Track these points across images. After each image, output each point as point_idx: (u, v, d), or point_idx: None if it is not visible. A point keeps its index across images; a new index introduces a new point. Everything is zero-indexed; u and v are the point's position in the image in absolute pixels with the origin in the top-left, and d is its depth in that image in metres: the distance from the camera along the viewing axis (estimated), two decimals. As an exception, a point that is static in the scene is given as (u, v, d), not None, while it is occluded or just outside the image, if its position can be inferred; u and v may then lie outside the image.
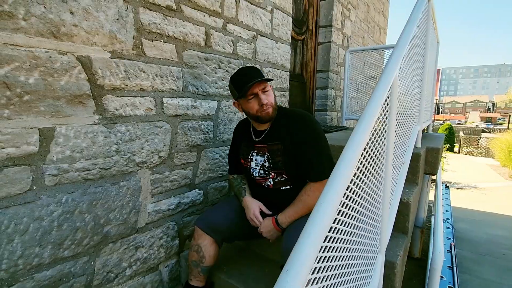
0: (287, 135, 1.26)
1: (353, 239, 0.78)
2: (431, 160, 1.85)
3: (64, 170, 1.09)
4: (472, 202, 6.19)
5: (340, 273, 0.71)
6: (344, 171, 0.66)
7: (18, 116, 0.96)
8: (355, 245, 0.80)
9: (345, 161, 0.67)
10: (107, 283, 1.28)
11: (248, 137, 1.39)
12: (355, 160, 0.69)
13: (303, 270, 0.49)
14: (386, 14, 5.20)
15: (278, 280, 0.47)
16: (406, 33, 1.17)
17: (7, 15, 0.91)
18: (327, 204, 0.58)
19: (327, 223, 0.57)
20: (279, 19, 2.20)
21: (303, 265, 0.49)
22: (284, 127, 1.28)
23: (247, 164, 1.37)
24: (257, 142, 1.34)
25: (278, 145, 1.27)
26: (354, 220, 0.76)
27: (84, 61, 1.10)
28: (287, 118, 1.29)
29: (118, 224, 1.29)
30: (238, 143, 1.45)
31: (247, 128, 1.42)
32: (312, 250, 0.52)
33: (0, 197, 0.94)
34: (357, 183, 0.75)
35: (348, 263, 0.76)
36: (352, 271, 0.81)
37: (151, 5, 1.31)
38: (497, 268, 3.45)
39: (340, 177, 0.64)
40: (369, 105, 0.82)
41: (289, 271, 0.48)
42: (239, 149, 1.43)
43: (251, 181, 1.40)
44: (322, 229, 0.56)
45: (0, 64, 0.90)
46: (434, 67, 2.67)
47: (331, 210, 0.59)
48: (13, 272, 0.99)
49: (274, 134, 1.30)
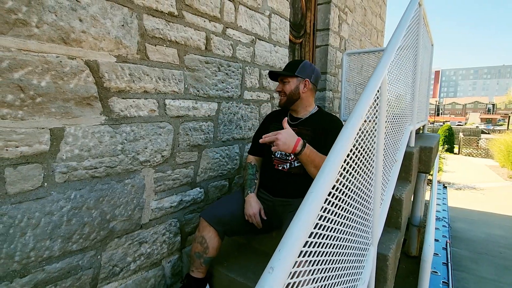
0: (318, 126, 1.44)
1: (343, 229, 0.84)
2: (425, 158, 1.91)
3: (73, 168, 1.15)
4: (471, 202, 6.24)
5: (330, 260, 0.77)
6: (334, 162, 0.72)
7: (31, 117, 1.02)
8: (345, 235, 0.86)
9: (334, 154, 0.74)
10: (112, 276, 1.34)
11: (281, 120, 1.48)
12: (344, 155, 0.76)
13: (293, 250, 0.55)
14: (384, 17, 5.29)
15: (271, 258, 0.54)
16: (395, 37, 1.24)
17: (21, 22, 0.97)
18: (316, 192, 0.65)
19: (317, 209, 0.63)
20: (277, 23, 2.28)
21: (293, 246, 0.55)
22: (318, 121, 1.47)
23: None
24: (290, 125, 1.44)
25: (308, 131, 1.42)
26: (343, 211, 0.83)
27: (91, 65, 1.17)
28: (326, 118, 1.49)
29: (123, 220, 1.35)
30: (267, 125, 1.58)
31: (283, 114, 1.56)
32: (301, 234, 0.59)
33: (14, 192, 1.00)
34: (346, 176, 0.81)
35: (338, 251, 0.82)
36: (343, 259, 0.87)
37: (154, 11, 1.38)
38: (494, 266, 3.49)
39: (330, 168, 0.70)
40: (358, 104, 0.89)
41: (281, 250, 0.54)
42: (266, 131, 1.49)
43: (269, 161, 1.50)
44: (312, 215, 0.62)
45: (15, 69, 0.97)
46: (429, 68, 2.73)
47: (321, 197, 0.65)
48: (25, 263, 1.05)
49: (308, 122, 1.47)
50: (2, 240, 0.98)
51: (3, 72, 0.95)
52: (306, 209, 0.62)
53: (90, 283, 1.26)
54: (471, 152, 14.52)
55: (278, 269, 0.52)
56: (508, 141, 10.15)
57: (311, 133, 1.42)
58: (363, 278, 1.07)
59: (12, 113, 0.98)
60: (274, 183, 1.48)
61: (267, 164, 1.52)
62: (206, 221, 1.41)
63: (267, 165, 1.52)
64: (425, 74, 2.40)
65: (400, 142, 1.56)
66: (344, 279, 0.89)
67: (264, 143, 1.42)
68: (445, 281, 1.99)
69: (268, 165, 1.51)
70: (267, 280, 0.51)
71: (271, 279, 0.51)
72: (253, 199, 1.45)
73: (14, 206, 1.00)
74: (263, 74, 2.18)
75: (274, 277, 0.51)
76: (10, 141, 0.98)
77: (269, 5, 2.17)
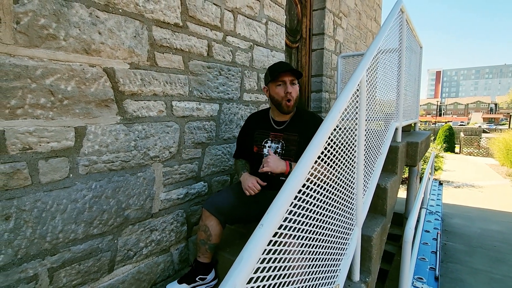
0: (304, 129, 1.50)
1: (323, 205, 0.99)
2: (411, 153, 2.07)
3: (94, 162, 1.32)
4: (469, 199, 6.35)
5: (313, 224, 0.92)
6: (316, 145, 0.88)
7: (59, 117, 1.19)
8: (325, 211, 1.01)
9: (314, 141, 0.89)
10: (127, 259, 1.50)
11: (265, 126, 1.59)
12: (323, 142, 0.92)
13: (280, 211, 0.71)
14: (379, 20, 5.46)
15: (262, 218, 0.69)
16: (375, 42, 1.40)
17: (51, 37, 1.15)
18: (299, 171, 0.81)
19: (297, 185, 0.79)
20: (273, 30, 2.45)
21: (279, 207, 0.71)
22: (303, 123, 1.52)
23: (261, 150, 1.58)
24: (275, 131, 1.55)
25: (295, 136, 1.51)
26: (324, 190, 0.98)
27: (109, 72, 1.35)
28: (307, 117, 1.54)
29: (136, 209, 1.52)
30: (250, 131, 1.65)
31: (265, 118, 1.63)
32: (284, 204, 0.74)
33: (46, 182, 1.17)
34: (326, 160, 0.97)
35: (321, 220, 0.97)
36: (326, 233, 1.02)
37: (161, 23, 1.55)
38: (487, 259, 3.62)
39: (311, 152, 0.86)
40: (337, 100, 1.05)
41: (269, 212, 0.70)
42: (251, 137, 1.62)
43: (259, 167, 1.58)
44: (294, 188, 0.78)
45: (47, 76, 1.14)
46: (418, 70, 2.89)
47: (301, 177, 0.81)
48: (55, 244, 1.21)
49: (293, 127, 1.53)
50: (36, 222, 1.15)
51: (37, 78, 1.12)
52: (289, 183, 0.78)
53: (108, 264, 1.42)
54: (472, 151, 14.58)
55: (266, 226, 0.68)
56: (507, 140, 10.24)
57: (298, 138, 1.50)
58: (347, 254, 1.23)
59: (44, 114, 1.15)
60: (267, 183, 1.56)
61: (257, 170, 1.57)
62: (208, 211, 1.56)
63: (257, 171, 1.57)
64: (413, 75, 2.55)
65: (384, 137, 1.72)
66: (328, 250, 1.05)
67: (247, 148, 1.58)
68: (432, 267, 2.13)
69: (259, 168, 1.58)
70: (257, 234, 0.66)
71: (260, 233, 0.67)
72: (247, 175, 1.52)
73: (46, 193, 1.17)
74: (261, 77, 2.35)
75: (262, 232, 0.67)
76: (43, 138, 1.15)
77: (266, 13, 2.34)
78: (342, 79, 3.45)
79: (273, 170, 1.36)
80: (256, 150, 1.61)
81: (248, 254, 0.62)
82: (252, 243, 0.64)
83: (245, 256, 0.62)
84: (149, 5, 1.48)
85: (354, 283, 1.34)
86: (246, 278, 0.61)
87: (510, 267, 3.40)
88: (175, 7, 1.62)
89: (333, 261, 1.10)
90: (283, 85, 1.47)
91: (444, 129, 15.40)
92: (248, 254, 0.62)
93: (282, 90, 1.47)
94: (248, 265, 0.61)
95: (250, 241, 0.64)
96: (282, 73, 1.45)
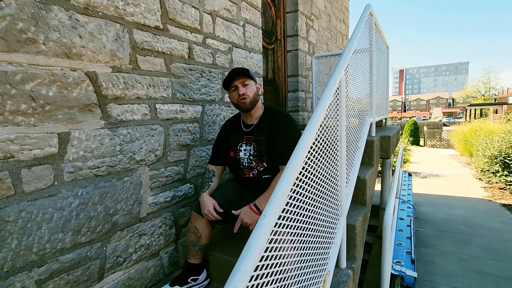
0: (270, 128, 1.56)
1: (314, 197, 1.06)
2: (385, 146, 2.22)
3: (79, 168, 1.29)
4: (435, 188, 6.83)
5: (306, 215, 0.98)
6: (304, 144, 0.94)
7: (42, 123, 1.16)
8: (316, 203, 1.08)
9: (304, 137, 0.96)
10: (117, 266, 1.48)
11: (237, 130, 1.65)
12: (312, 138, 0.98)
13: (279, 202, 0.76)
14: (347, 22, 5.72)
15: (264, 210, 0.74)
16: (350, 43, 1.50)
17: (30, 41, 1.11)
18: (292, 166, 0.86)
19: (292, 179, 0.85)
20: (250, 32, 2.50)
21: (279, 200, 0.76)
22: (268, 122, 1.58)
23: (237, 155, 1.63)
24: (246, 133, 1.61)
25: (262, 135, 1.57)
26: (314, 183, 1.05)
27: (91, 76, 1.32)
28: (272, 115, 1.60)
29: (124, 214, 1.49)
30: (225, 137, 1.70)
31: (237, 122, 1.69)
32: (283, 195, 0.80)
33: (30, 191, 1.13)
34: (314, 155, 1.03)
35: (311, 215, 1.04)
36: (317, 223, 1.09)
37: (142, 26, 1.55)
38: (454, 241, 3.94)
39: (301, 149, 0.92)
40: (321, 99, 1.12)
41: (270, 204, 0.75)
42: (226, 143, 1.68)
43: (239, 171, 1.64)
44: (290, 181, 0.83)
45: (27, 81, 1.11)
46: (386, 68, 3.09)
47: (296, 170, 0.86)
48: (42, 254, 1.17)
49: (260, 127, 1.59)
50: (21, 233, 1.10)
51: (17, 84, 1.08)
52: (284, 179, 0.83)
53: (97, 272, 1.39)
54: (435, 144, 15.65)
55: (268, 217, 0.72)
56: (465, 132, 11.13)
57: (266, 138, 1.55)
58: (335, 242, 1.31)
59: (25, 120, 1.11)
60: (249, 186, 1.64)
61: (239, 174, 1.65)
62: (197, 213, 1.58)
63: (239, 175, 1.65)
64: (382, 73, 2.73)
65: (361, 132, 1.84)
66: (319, 239, 1.12)
67: (224, 154, 1.67)
68: (408, 251, 2.30)
69: (240, 175, 1.64)
70: (260, 224, 0.71)
71: (264, 223, 0.71)
72: (206, 197, 1.55)
73: (30, 203, 1.13)
74: (241, 79, 2.39)
75: (265, 222, 0.71)
76: (25, 145, 1.11)
77: (243, 16, 2.39)
78: (317, 78, 3.58)
79: (253, 222, 1.42)
80: (233, 155, 1.66)
81: (255, 243, 0.66)
82: (257, 232, 0.68)
83: (252, 245, 0.66)
84: (129, 8, 1.47)
85: (341, 270, 1.42)
86: (254, 265, 0.65)
87: (474, 247, 3.73)
88: (155, 10, 1.61)
89: (324, 249, 1.17)
90: (236, 89, 1.55)
91: (410, 124, 16.39)
92: (255, 242, 0.66)
93: (236, 94, 1.55)
94: (256, 253, 0.65)
95: (255, 230, 0.69)
96: (230, 80, 1.56)
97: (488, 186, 6.67)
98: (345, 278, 1.36)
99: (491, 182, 6.86)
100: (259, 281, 0.69)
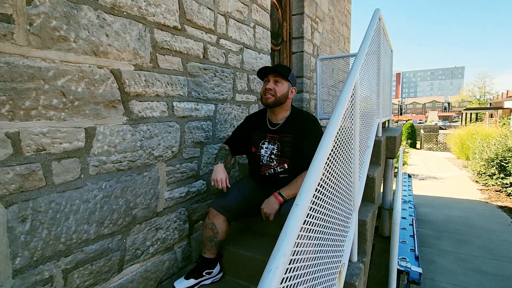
0: (297, 131, 1.58)
1: (335, 192, 1.12)
2: (390, 146, 2.28)
3: (103, 162, 1.33)
4: (433, 190, 6.94)
5: (327, 213, 1.04)
6: (327, 143, 0.99)
7: (71, 118, 1.20)
8: (335, 197, 1.14)
9: (326, 138, 1.01)
10: (135, 258, 1.52)
11: (261, 127, 1.67)
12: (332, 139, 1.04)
13: (308, 195, 0.81)
14: (349, 25, 5.81)
15: (296, 199, 0.79)
16: (363, 45, 1.57)
17: (62, 38, 1.16)
18: (315, 170, 0.91)
19: (319, 175, 0.90)
20: (260, 33, 2.56)
21: (308, 190, 0.82)
22: (296, 124, 1.60)
23: (258, 151, 1.66)
24: (271, 132, 1.63)
25: (289, 137, 1.59)
26: (334, 178, 1.10)
27: (115, 73, 1.37)
28: (300, 118, 1.62)
29: (143, 208, 1.54)
30: (248, 132, 1.73)
31: (262, 119, 1.71)
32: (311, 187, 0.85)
33: (59, 183, 1.17)
34: (335, 151, 1.09)
35: (332, 209, 1.10)
36: (335, 216, 1.15)
37: (162, 26, 1.60)
38: (453, 241, 4.02)
39: (323, 150, 0.97)
40: (339, 101, 1.18)
41: (301, 195, 0.80)
42: (248, 138, 1.70)
43: (257, 168, 1.67)
44: (317, 177, 0.89)
45: (59, 77, 1.15)
46: (390, 71, 3.17)
47: (321, 166, 0.92)
48: (69, 245, 1.21)
49: (287, 128, 1.61)
50: (51, 223, 1.15)
51: (49, 80, 1.12)
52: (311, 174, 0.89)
53: (118, 264, 1.43)
54: (431, 147, 15.83)
55: (301, 205, 0.78)
56: (462, 135, 11.29)
57: (292, 139, 1.57)
58: (349, 236, 1.36)
59: (57, 115, 1.15)
60: (265, 184, 1.67)
61: (256, 170, 1.69)
62: (215, 210, 1.62)
63: (256, 171, 1.69)
64: (387, 76, 2.80)
65: (370, 132, 1.90)
66: (337, 232, 1.17)
67: (245, 148, 1.70)
68: (412, 248, 2.37)
69: (257, 171, 1.68)
70: (294, 212, 0.76)
71: (297, 211, 0.76)
72: (221, 167, 1.61)
73: (59, 194, 1.17)
74: (251, 78, 2.45)
75: (299, 210, 0.77)
76: (56, 139, 1.15)
77: (253, 17, 2.45)
78: (321, 80, 3.65)
79: (272, 212, 1.50)
80: (254, 150, 1.70)
81: (291, 229, 0.72)
82: (292, 219, 0.74)
83: (288, 230, 0.71)
84: (151, 8, 1.52)
85: (353, 263, 1.48)
86: (290, 249, 0.70)
87: (473, 247, 3.82)
88: (174, 10, 1.67)
89: (340, 242, 1.23)
90: (266, 82, 1.60)
91: (407, 127, 16.57)
92: (291, 228, 0.72)
93: (264, 87, 1.60)
94: (292, 237, 0.70)
95: (290, 218, 0.74)
96: (266, 71, 1.60)
97: (485, 189, 6.79)
98: (357, 271, 1.42)
99: (487, 184, 6.98)
100: (294, 265, 0.74)
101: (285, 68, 1.61)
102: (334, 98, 3.70)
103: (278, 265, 0.64)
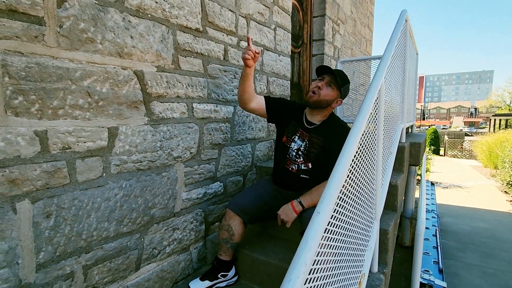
0: (329, 136, 1.55)
1: (357, 200, 1.08)
2: (414, 153, 2.19)
3: (124, 161, 1.36)
4: (457, 199, 6.62)
5: (348, 222, 1.00)
6: (351, 147, 0.96)
7: (95, 118, 1.23)
8: (357, 206, 1.09)
9: (349, 143, 0.97)
10: (152, 257, 1.54)
11: (298, 121, 1.65)
12: (356, 144, 1.00)
13: (330, 203, 0.78)
14: (371, 27, 5.67)
15: (317, 207, 0.76)
16: (389, 47, 1.51)
17: (90, 40, 1.19)
18: (337, 176, 0.88)
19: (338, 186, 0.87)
20: (280, 35, 2.54)
21: (330, 199, 0.79)
22: (330, 130, 1.57)
23: (289, 143, 1.64)
24: (305, 129, 1.61)
25: (319, 139, 1.56)
26: (356, 185, 1.06)
27: (138, 74, 1.39)
28: (336, 125, 1.60)
29: (161, 208, 1.55)
30: (290, 116, 1.69)
31: (301, 112, 1.68)
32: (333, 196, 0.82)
33: (82, 181, 1.20)
34: (358, 158, 1.05)
35: (354, 217, 1.06)
36: (357, 224, 1.11)
37: (185, 28, 1.61)
38: (478, 254, 3.80)
39: (346, 155, 0.94)
40: (363, 104, 1.14)
41: (323, 202, 0.77)
42: (287, 124, 1.67)
43: (283, 160, 1.64)
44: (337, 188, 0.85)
45: (85, 78, 1.18)
46: (415, 74, 3.05)
47: (344, 173, 0.88)
48: (90, 241, 1.24)
49: (320, 131, 1.58)
50: (74, 220, 1.18)
51: (76, 80, 1.16)
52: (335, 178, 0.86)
53: (135, 262, 1.45)
54: (456, 154, 15.15)
55: (322, 213, 0.75)
56: (490, 143, 10.72)
57: (322, 142, 1.55)
58: (369, 245, 1.31)
59: (82, 114, 1.18)
60: (285, 180, 1.66)
61: (281, 162, 1.67)
62: (232, 211, 1.61)
63: (281, 163, 1.67)
64: (412, 80, 2.70)
65: (394, 137, 1.83)
66: (358, 241, 1.13)
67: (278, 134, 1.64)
68: (435, 261, 2.25)
69: (281, 163, 1.66)
70: (315, 220, 0.73)
71: (318, 219, 0.74)
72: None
73: (82, 192, 1.20)
74: (270, 81, 2.43)
75: (320, 218, 0.74)
76: (80, 137, 1.18)
77: (274, 19, 2.44)
78: (341, 83, 3.57)
79: (289, 220, 1.45)
80: (284, 140, 1.67)
81: (312, 236, 0.69)
82: (313, 227, 0.71)
83: (309, 239, 0.69)
84: (174, 10, 1.54)
85: (373, 274, 1.42)
86: (312, 258, 0.67)
87: (500, 261, 3.59)
88: (197, 12, 1.68)
89: (361, 251, 1.18)
90: (319, 81, 1.57)
91: (430, 132, 15.95)
92: (312, 236, 0.69)
93: (314, 84, 1.57)
94: (313, 246, 0.68)
95: (311, 225, 0.71)
96: (325, 70, 1.58)
97: (515, 200, 6.40)
98: (378, 282, 1.36)
99: (518, 195, 6.57)
100: (314, 275, 0.71)
101: (343, 77, 1.58)
102: (354, 101, 3.61)
103: (299, 275, 0.62)
